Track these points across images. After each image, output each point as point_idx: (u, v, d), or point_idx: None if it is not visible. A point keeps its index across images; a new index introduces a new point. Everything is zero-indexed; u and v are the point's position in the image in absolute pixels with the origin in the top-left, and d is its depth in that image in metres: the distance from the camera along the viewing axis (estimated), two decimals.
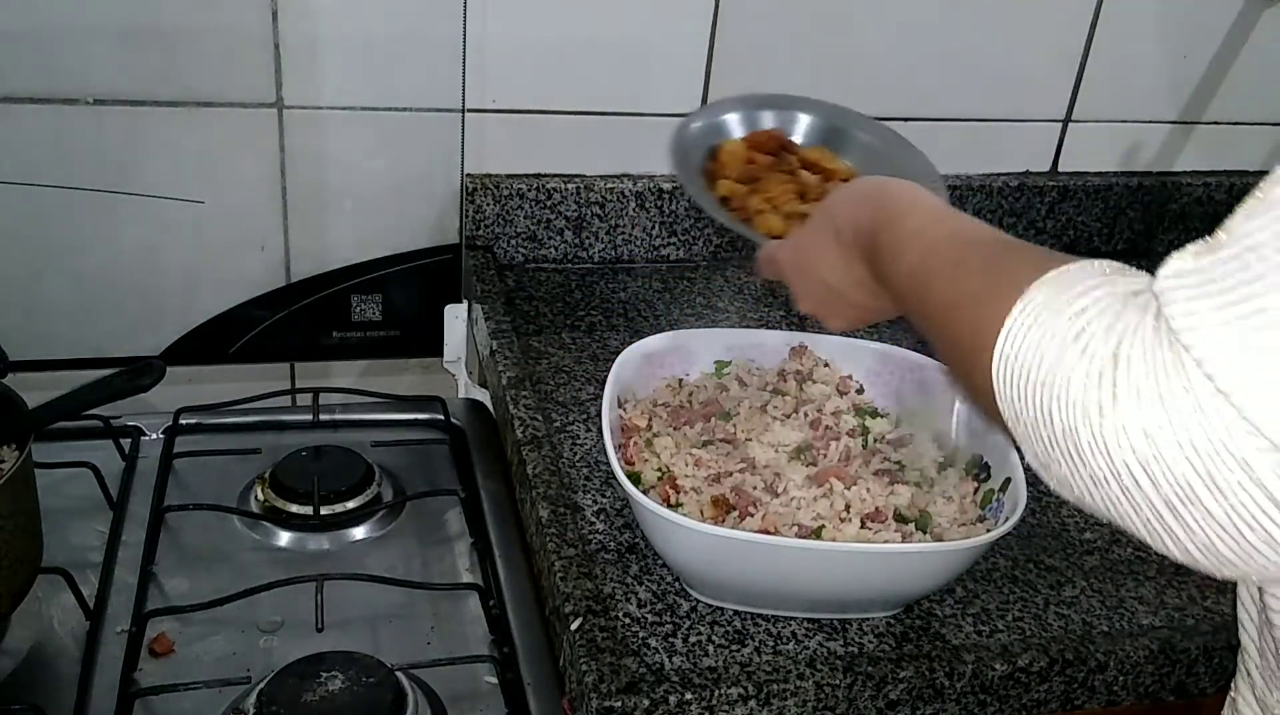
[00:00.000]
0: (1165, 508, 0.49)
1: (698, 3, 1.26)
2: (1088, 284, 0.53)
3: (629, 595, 0.89)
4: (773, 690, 0.82)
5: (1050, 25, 1.38)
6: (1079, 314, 0.52)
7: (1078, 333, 0.51)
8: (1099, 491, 0.52)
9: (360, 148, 1.24)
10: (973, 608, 0.92)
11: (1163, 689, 0.92)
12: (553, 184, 1.31)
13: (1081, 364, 0.51)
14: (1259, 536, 0.48)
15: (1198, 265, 0.49)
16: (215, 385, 1.26)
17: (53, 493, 0.98)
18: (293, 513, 1.04)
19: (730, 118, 1.12)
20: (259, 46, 1.16)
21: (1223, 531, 0.49)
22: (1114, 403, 0.49)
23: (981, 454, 0.95)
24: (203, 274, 1.25)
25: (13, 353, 0.97)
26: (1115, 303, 0.52)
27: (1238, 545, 0.49)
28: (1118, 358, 0.50)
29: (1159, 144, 1.49)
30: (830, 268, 0.79)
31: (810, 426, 0.97)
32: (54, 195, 1.18)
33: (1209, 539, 0.49)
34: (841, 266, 0.78)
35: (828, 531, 0.86)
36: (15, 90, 1.13)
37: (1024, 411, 0.54)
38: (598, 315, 1.26)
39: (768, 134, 1.11)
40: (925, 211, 0.72)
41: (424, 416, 1.19)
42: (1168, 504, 0.49)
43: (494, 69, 1.24)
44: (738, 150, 1.09)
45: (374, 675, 0.83)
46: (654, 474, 0.92)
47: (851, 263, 0.77)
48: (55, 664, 0.88)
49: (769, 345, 1.06)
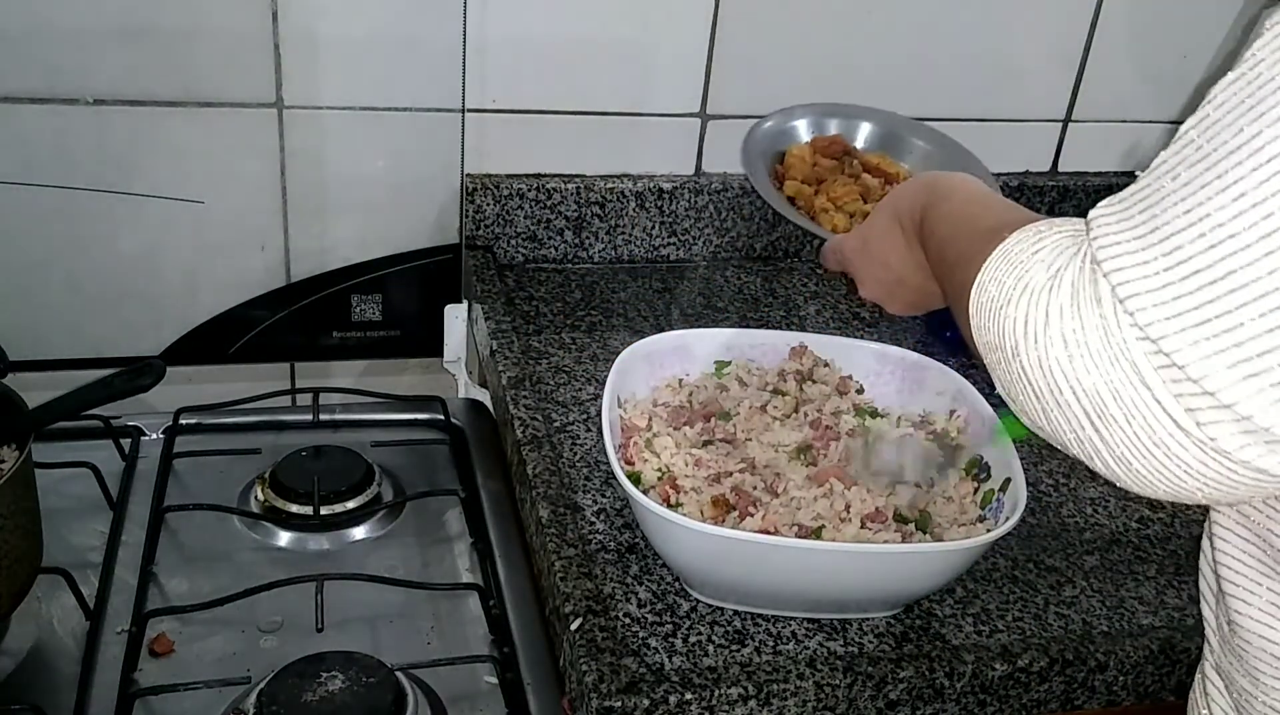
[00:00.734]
0: (1086, 421, 0.55)
1: (698, 3, 1.26)
2: (1053, 228, 0.60)
3: (629, 595, 0.89)
4: (773, 690, 0.82)
5: (1050, 25, 1.38)
6: (1037, 252, 0.59)
7: (1031, 266, 0.58)
8: (1043, 410, 0.57)
9: (360, 148, 1.24)
10: (973, 608, 0.92)
11: (1163, 689, 0.92)
12: (553, 184, 1.31)
13: (1028, 291, 0.57)
14: (1163, 452, 0.53)
15: (1120, 196, 0.55)
16: (215, 385, 1.26)
17: (53, 493, 0.98)
18: (293, 513, 1.04)
19: (797, 123, 1.23)
20: (259, 46, 1.16)
21: (1134, 446, 0.53)
22: (1045, 321, 0.55)
23: (981, 454, 0.95)
24: (203, 274, 1.26)
25: (12, 353, 0.97)
26: (1066, 240, 0.58)
27: (1148, 461, 0.53)
28: (1053, 283, 0.56)
29: (1159, 144, 1.49)
30: (893, 252, 0.85)
31: (810, 426, 0.97)
32: (54, 195, 1.18)
33: (1125, 453, 0.54)
34: (903, 250, 0.84)
35: (828, 531, 0.86)
36: (15, 90, 1.13)
37: (989, 338, 0.60)
38: (598, 315, 1.26)
39: (830, 139, 1.22)
40: (965, 194, 0.79)
41: (424, 416, 1.20)
42: (1088, 416, 0.54)
43: (494, 69, 1.24)
44: (803, 154, 1.20)
45: (374, 675, 0.83)
46: (654, 474, 0.92)
47: (912, 246, 0.83)
48: (55, 664, 0.88)
49: (769, 345, 1.06)
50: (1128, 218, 0.53)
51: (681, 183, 1.35)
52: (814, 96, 1.28)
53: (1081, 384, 0.54)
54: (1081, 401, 0.54)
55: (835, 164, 1.19)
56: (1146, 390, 0.52)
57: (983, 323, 0.60)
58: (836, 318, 1.30)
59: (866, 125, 1.25)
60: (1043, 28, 1.38)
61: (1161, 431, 0.52)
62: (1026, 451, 0.96)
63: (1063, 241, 0.58)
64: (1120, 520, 1.02)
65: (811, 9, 1.30)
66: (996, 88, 1.40)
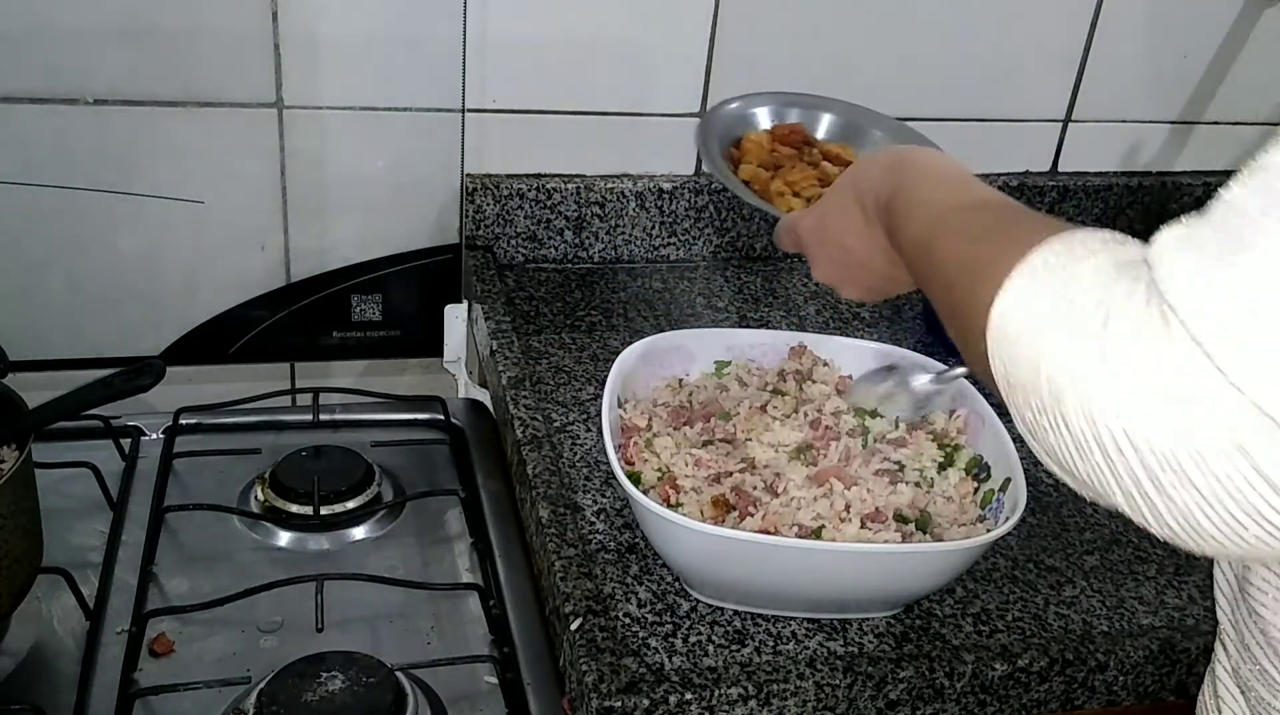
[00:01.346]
0: (1146, 477, 0.48)
1: (698, 3, 1.26)
2: (1086, 250, 0.53)
3: (629, 595, 0.89)
4: (773, 690, 0.82)
5: (1050, 25, 1.38)
6: (1073, 280, 0.52)
7: (1070, 299, 0.51)
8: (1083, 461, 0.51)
9: (360, 148, 1.24)
10: (973, 608, 0.92)
11: (1163, 689, 0.92)
12: (553, 184, 1.31)
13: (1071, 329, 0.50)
14: (1242, 509, 0.46)
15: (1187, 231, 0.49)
16: (215, 385, 1.26)
17: (53, 493, 0.98)
18: (293, 513, 1.04)
19: (759, 110, 1.16)
20: (259, 46, 1.16)
21: (1205, 503, 0.47)
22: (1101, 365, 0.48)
23: (981, 454, 0.95)
24: (203, 274, 1.25)
25: (12, 353, 0.97)
26: (1109, 269, 0.51)
27: (1220, 518, 0.47)
28: (1107, 322, 0.49)
29: (1159, 144, 1.49)
30: (853, 233, 0.79)
31: (810, 426, 0.97)
32: (54, 195, 1.17)
33: (1190, 511, 0.48)
34: (864, 232, 0.78)
35: (828, 531, 0.86)
36: (15, 90, 1.13)
37: (1014, 375, 0.53)
38: (598, 315, 1.26)
39: (791, 128, 1.15)
40: (939, 177, 0.73)
41: (424, 416, 1.19)
42: (1149, 472, 0.48)
43: (494, 69, 1.24)
44: (761, 140, 1.14)
45: (374, 675, 0.83)
46: (654, 474, 0.92)
47: (874, 229, 0.77)
48: (55, 664, 0.88)
49: (769, 345, 1.06)
50: (1197, 257, 0.47)
51: (681, 183, 1.35)
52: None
53: (1149, 442, 0.47)
54: (1145, 459, 0.47)
55: (794, 153, 1.13)
56: (1242, 457, 0.45)
57: (1009, 358, 0.54)
58: (836, 318, 1.30)
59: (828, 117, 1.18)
60: (1043, 28, 1.38)
61: (1255, 498, 0.45)
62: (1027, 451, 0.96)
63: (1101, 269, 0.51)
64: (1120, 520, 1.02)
65: (811, 9, 1.30)
66: (996, 88, 1.40)
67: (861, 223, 0.78)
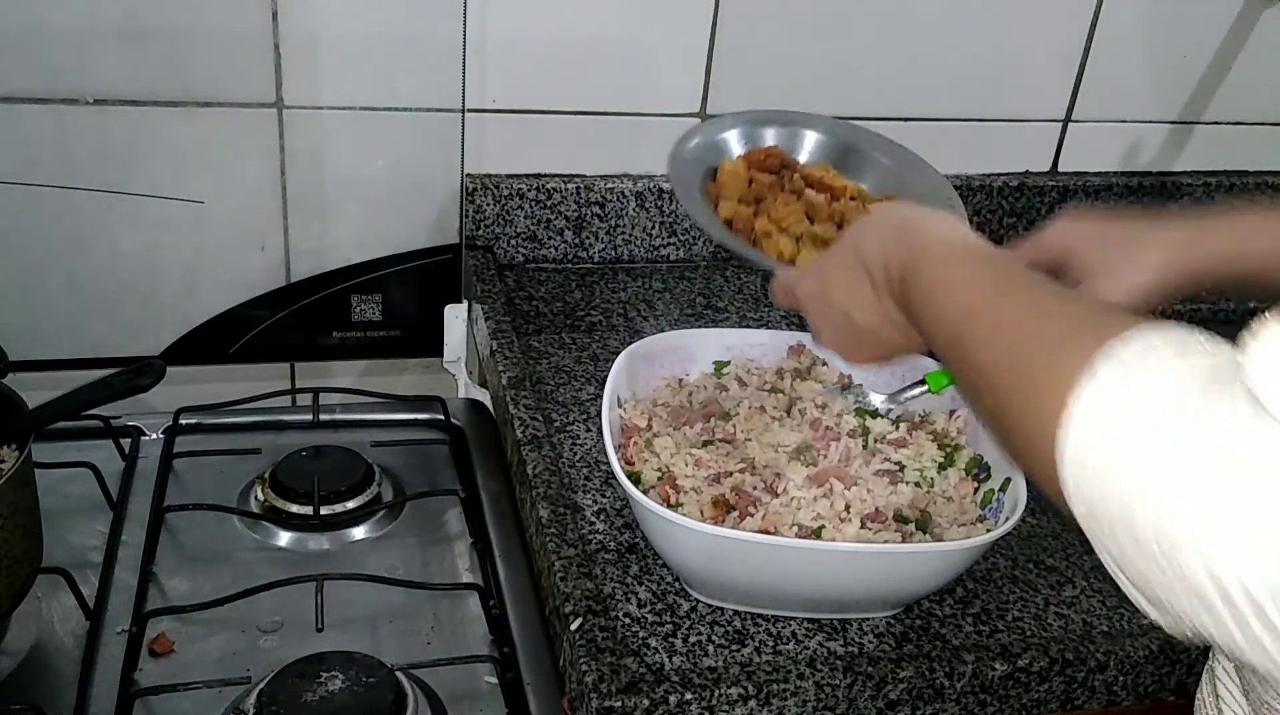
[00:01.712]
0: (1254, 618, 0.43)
1: (698, 3, 1.26)
2: (1162, 361, 0.48)
3: (629, 595, 0.89)
4: (773, 690, 0.82)
5: (1050, 25, 1.38)
6: (1158, 400, 0.46)
7: (1147, 413, 0.46)
8: (1208, 614, 0.45)
9: (360, 148, 1.24)
10: (973, 608, 0.92)
11: (1163, 689, 0.92)
12: (553, 184, 1.31)
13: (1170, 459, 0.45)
14: None
15: None
16: (215, 385, 1.26)
17: (53, 493, 0.98)
18: (293, 513, 1.04)
19: (728, 135, 1.09)
20: (259, 46, 1.16)
21: None
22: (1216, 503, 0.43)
23: (982, 454, 0.95)
24: (203, 274, 1.25)
25: (12, 353, 0.97)
26: (1197, 385, 0.46)
27: None
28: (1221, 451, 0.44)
29: (1159, 144, 1.49)
30: (859, 306, 0.75)
31: (810, 427, 0.97)
32: (54, 195, 1.18)
33: None
34: (874, 305, 0.75)
35: (828, 531, 0.86)
36: (15, 90, 1.13)
37: (1101, 511, 0.48)
38: (598, 315, 1.26)
39: (766, 151, 1.09)
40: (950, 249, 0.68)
41: (424, 416, 1.19)
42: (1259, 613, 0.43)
43: (494, 69, 1.24)
44: (737, 170, 1.07)
45: (374, 675, 0.83)
46: (654, 474, 0.92)
47: (885, 302, 0.74)
48: (55, 664, 0.88)
49: (769, 345, 1.06)
50: None
51: None
52: (814, 96, 1.27)
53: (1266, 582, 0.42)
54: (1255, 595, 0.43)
55: (774, 179, 1.06)
56: None
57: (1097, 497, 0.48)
58: None
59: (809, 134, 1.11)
60: (1043, 28, 1.38)
61: None
62: None
63: (1185, 383, 0.46)
64: None
65: (811, 9, 1.30)
66: (996, 88, 1.40)
67: (870, 295, 0.75)
